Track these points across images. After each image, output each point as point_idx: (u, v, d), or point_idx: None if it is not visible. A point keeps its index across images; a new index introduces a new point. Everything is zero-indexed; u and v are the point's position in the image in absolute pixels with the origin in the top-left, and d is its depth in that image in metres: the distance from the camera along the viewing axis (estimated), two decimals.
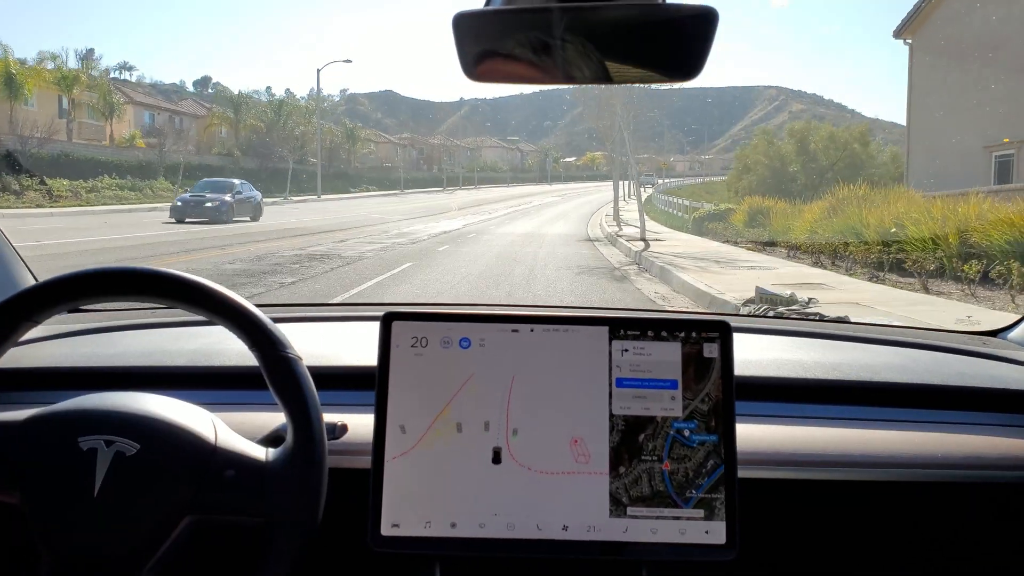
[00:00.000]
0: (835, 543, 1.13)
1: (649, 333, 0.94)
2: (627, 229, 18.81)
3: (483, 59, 0.80)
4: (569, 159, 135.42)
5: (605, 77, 0.81)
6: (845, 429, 1.08)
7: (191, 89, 47.19)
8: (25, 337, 0.90)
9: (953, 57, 18.94)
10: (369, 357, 0.97)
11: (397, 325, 0.94)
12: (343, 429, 0.98)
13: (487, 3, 0.78)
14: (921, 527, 1.12)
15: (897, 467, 1.04)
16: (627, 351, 0.94)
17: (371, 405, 0.93)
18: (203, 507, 0.82)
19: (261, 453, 0.86)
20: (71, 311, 1.46)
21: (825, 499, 1.09)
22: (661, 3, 0.76)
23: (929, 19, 20.25)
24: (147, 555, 0.80)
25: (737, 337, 0.95)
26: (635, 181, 20.60)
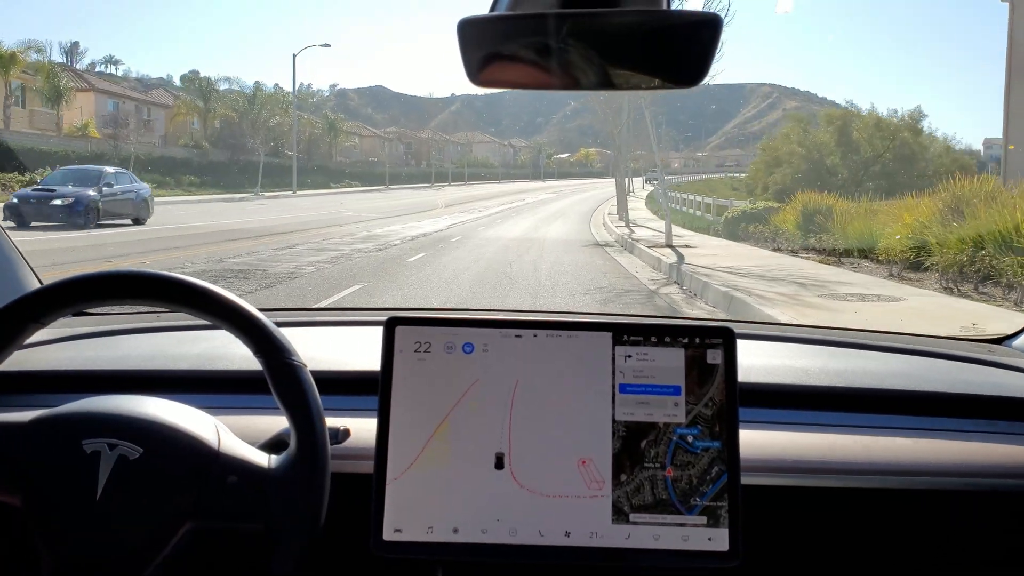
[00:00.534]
0: (839, 551, 1.12)
1: (652, 339, 0.93)
2: (640, 231, 16.79)
3: (488, 64, 0.79)
4: (563, 155, 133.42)
5: (609, 83, 0.81)
6: (849, 436, 1.07)
7: (178, 84, 43.78)
8: (30, 340, 0.90)
9: None
10: (372, 362, 0.97)
11: (400, 330, 0.93)
12: (346, 434, 0.97)
13: (492, 8, 0.77)
14: (926, 535, 1.11)
15: (901, 475, 1.03)
16: (630, 357, 0.93)
17: (374, 410, 0.92)
18: (205, 513, 0.82)
19: (264, 459, 0.85)
20: (76, 314, 1.44)
21: (829, 506, 1.08)
22: (665, 9, 0.76)
23: None
24: (148, 559, 0.80)
25: (741, 343, 0.94)
26: (661, 182, 17.34)
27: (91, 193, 15.15)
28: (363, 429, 0.98)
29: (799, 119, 31.86)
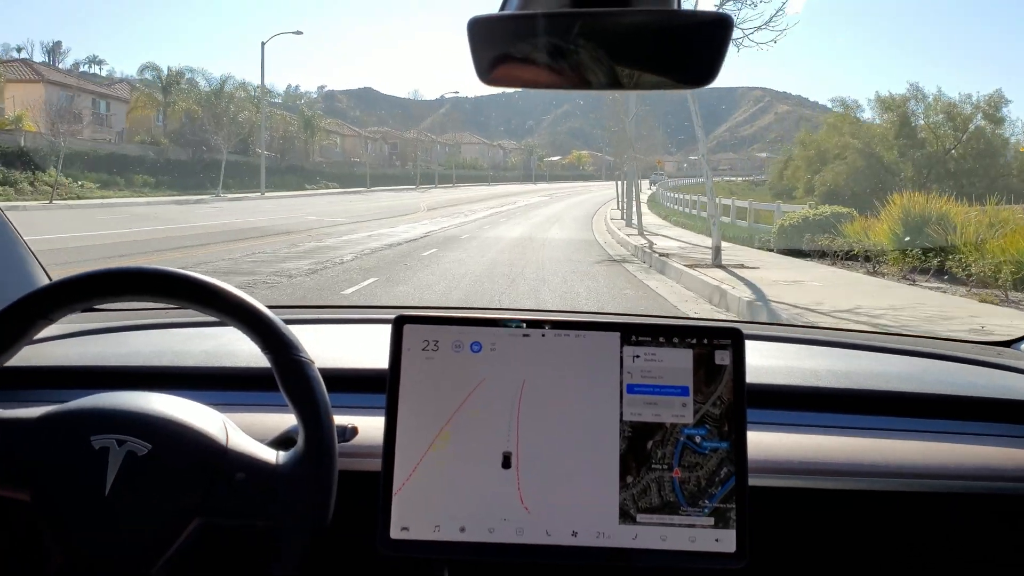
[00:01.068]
0: (845, 553, 1.12)
1: (661, 339, 0.93)
2: (660, 241, 14.35)
3: (497, 63, 0.79)
4: (554, 158, 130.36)
5: (619, 83, 0.80)
6: (856, 438, 1.07)
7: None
8: (39, 336, 0.90)
9: None
10: (380, 360, 0.97)
11: (409, 328, 0.93)
12: (353, 431, 0.97)
13: (502, 7, 0.77)
14: (932, 537, 1.11)
15: (908, 477, 1.03)
16: (638, 357, 0.93)
17: (381, 408, 0.92)
18: (213, 509, 0.82)
19: (272, 456, 0.85)
20: (85, 310, 1.43)
21: (836, 508, 1.08)
22: (675, 9, 0.76)
23: None
24: (156, 555, 0.80)
25: (749, 344, 0.94)
26: (707, 178, 13.97)
27: None
28: (371, 427, 0.98)
29: (847, 106, 27.76)
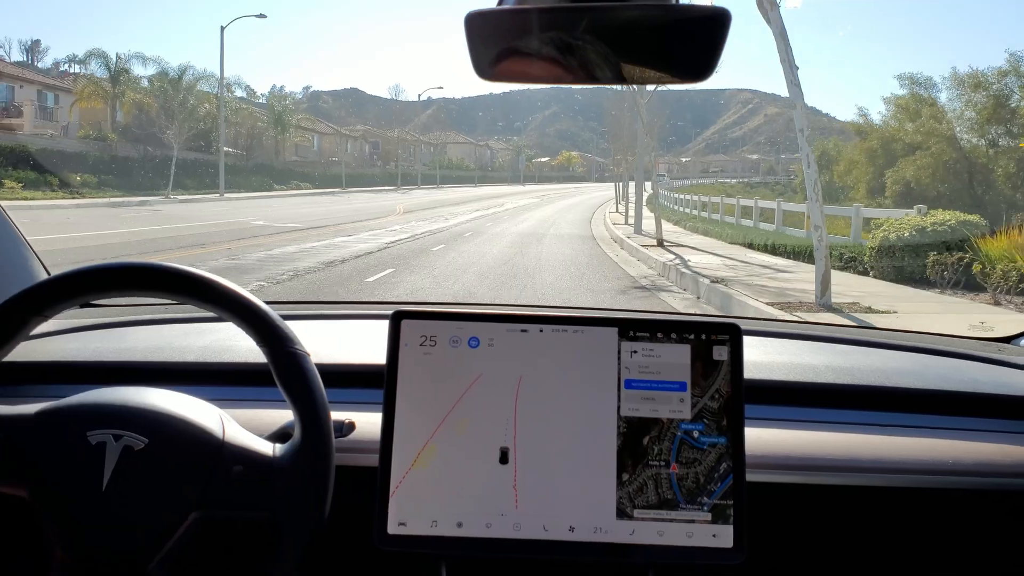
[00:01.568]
0: (844, 549, 1.12)
1: (659, 335, 0.93)
2: (693, 257, 11.52)
3: (495, 58, 0.79)
4: (543, 159, 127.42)
5: (617, 77, 0.80)
6: (856, 434, 1.07)
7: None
8: (35, 331, 0.90)
9: None
10: (377, 355, 0.97)
11: (406, 324, 0.93)
12: (351, 427, 0.97)
13: (499, 2, 0.77)
14: (932, 534, 1.11)
15: (908, 473, 1.03)
16: (636, 352, 0.92)
17: (379, 403, 0.92)
18: (211, 502, 0.82)
19: (269, 449, 0.85)
20: (82, 305, 1.43)
21: (835, 504, 1.08)
22: (674, 4, 0.75)
23: None
24: (155, 549, 0.80)
25: (748, 340, 0.94)
26: (815, 179, 10.63)
27: None
28: (368, 422, 0.98)
29: (916, 82, 21.51)
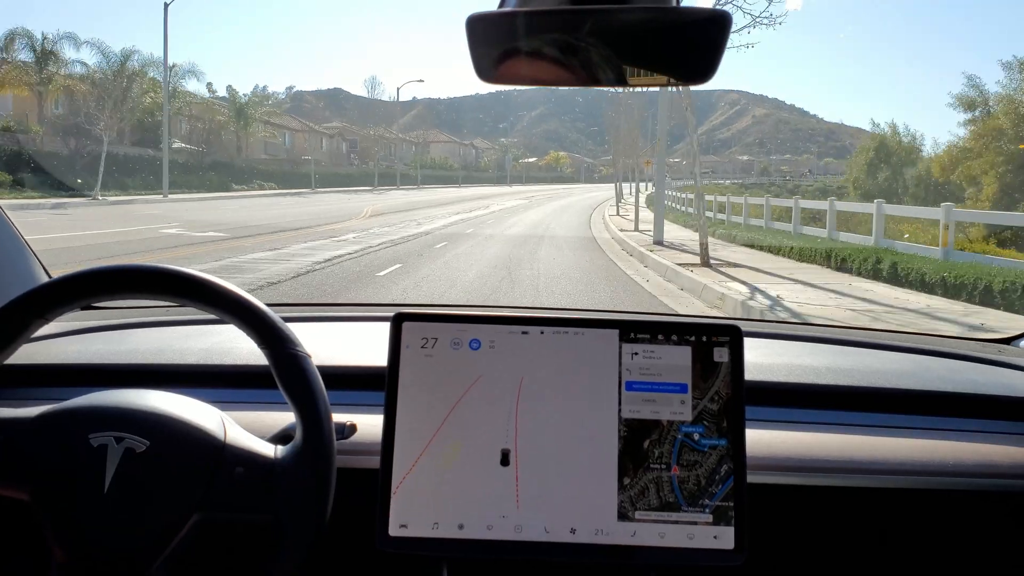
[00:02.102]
0: (845, 550, 1.11)
1: (659, 337, 0.93)
2: (787, 291, 7.97)
3: (496, 60, 0.79)
4: (530, 159, 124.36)
5: (618, 80, 0.80)
6: (856, 435, 1.06)
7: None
8: (37, 333, 0.90)
9: None
10: (378, 357, 0.96)
11: (408, 326, 0.93)
12: (352, 429, 0.96)
13: (500, 5, 0.77)
14: (932, 535, 1.11)
15: (908, 474, 1.02)
16: (637, 354, 0.92)
17: (380, 405, 0.92)
18: (212, 504, 0.82)
19: (270, 450, 0.85)
20: (83, 308, 1.42)
21: (836, 505, 1.07)
22: (674, 7, 0.76)
23: None
24: (156, 551, 0.80)
25: (748, 342, 0.93)
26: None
27: None
28: (369, 425, 0.97)
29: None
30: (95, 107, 28.69)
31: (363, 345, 1.21)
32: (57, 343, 1.27)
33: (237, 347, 1.17)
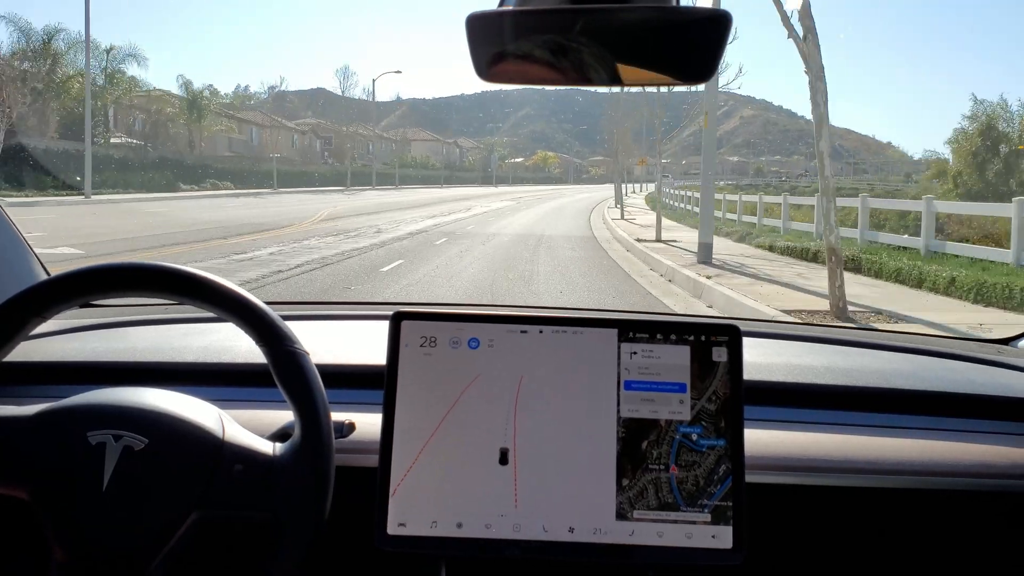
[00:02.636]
0: (843, 550, 1.11)
1: (658, 336, 0.93)
2: None
3: (495, 60, 0.79)
4: (517, 159, 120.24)
5: (617, 79, 0.80)
6: (855, 436, 1.06)
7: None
8: (36, 331, 0.90)
9: None
10: (377, 356, 0.96)
11: (407, 324, 0.93)
12: (351, 427, 0.96)
13: (500, 4, 0.77)
14: (930, 535, 1.11)
15: (907, 474, 1.03)
16: (636, 354, 0.92)
17: (378, 404, 0.92)
18: (211, 502, 0.82)
19: (269, 448, 0.85)
20: (82, 306, 1.38)
21: (834, 505, 1.07)
22: (674, 6, 0.76)
23: None
24: (155, 549, 0.80)
25: (747, 341, 0.94)
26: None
27: None
28: (368, 423, 0.97)
29: None
30: (8, 92, 24.34)
31: (362, 344, 1.22)
32: (55, 341, 1.27)
33: (236, 345, 1.17)
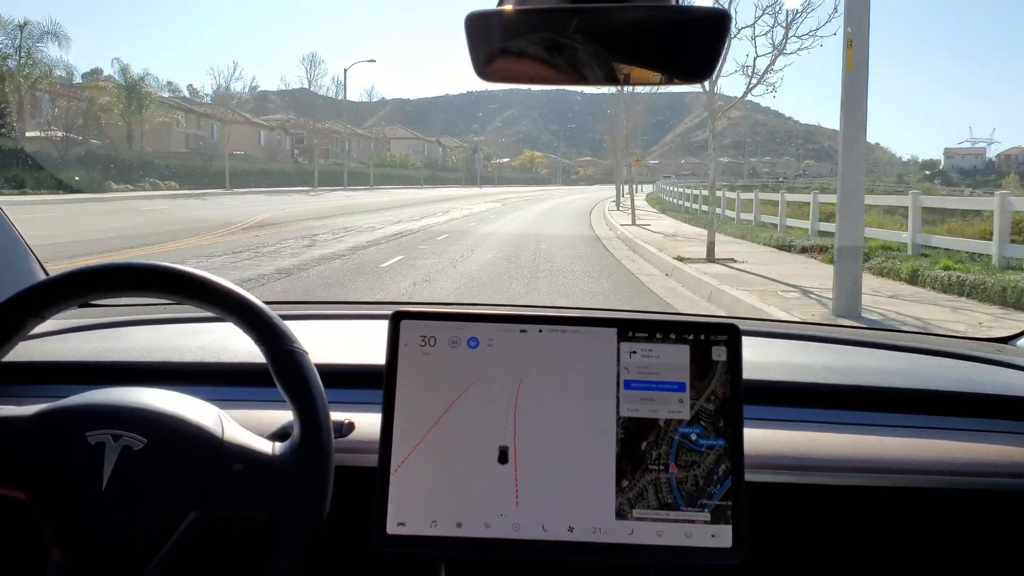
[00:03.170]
0: (842, 548, 1.11)
1: (658, 335, 0.93)
2: None
3: (495, 59, 0.79)
4: (503, 160, 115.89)
5: (617, 79, 0.80)
6: (854, 435, 1.07)
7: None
8: (34, 331, 0.90)
9: None
10: (376, 355, 0.96)
11: (406, 324, 0.93)
12: (350, 427, 0.97)
13: (499, 3, 0.77)
14: (928, 534, 1.11)
15: (905, 473, 1.03)
16: (635, 353, 0.92)
17: (378, 404, 0.92)
18: (210, 502, 0.82)
19: (268, 447, 0.85)
20: (80, 305, 1.38)
21: (833, 504, 1.07)
22: (674, 5, 0.76)
23: None
24: (154, 549, 0.80)
25: (746, 340, 0.94)
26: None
27: None
28: (367, 423, 0.97)
29: None
30: None
31: (361, 343, 1.22)
32: (54, 341, 1.27)
33: (234, 345, 1.17)
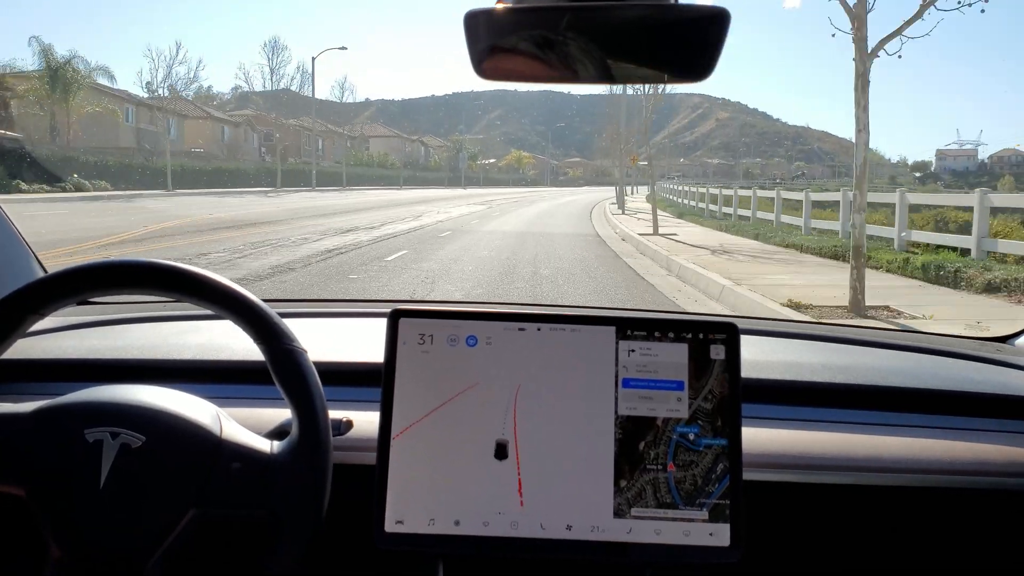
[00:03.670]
0: (840, 547, 1.12)
1: (656, 334, 0.93)
2: None
3: (494, 56, 0.79)
4: (489, 160, 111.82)
5: (616, 77, 0.80)
6: (853, 434, 1.07)
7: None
8: (33, 328, 0.89)
9: None
10: (375, 353, 0.96)
11: (404, 322, 0.93)
12: (348, 425, 0.96)
13: (498, 1, 0.77)
14: (927, 533, 1.11)
15: (903, 472, 1.03)
16: (634, 351, 0.92)
17: (376, 402, 0.92)
18: (208, 500, 0.82)
19: (266, 446, 0.85)
20: (79, 303, 1.41)
21: (832, 503, 1.07)
22: (672, 4, 0.75)
23: None
24: (152, 547, 0.80)
25: (744, 339, 0.94)
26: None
27: None
28: (365, 421, 0.97)
29: None
30: None
31: (359, 341, 1.22)
32: (52, 338, 1.27)
33: (233, 343, 1.16)
